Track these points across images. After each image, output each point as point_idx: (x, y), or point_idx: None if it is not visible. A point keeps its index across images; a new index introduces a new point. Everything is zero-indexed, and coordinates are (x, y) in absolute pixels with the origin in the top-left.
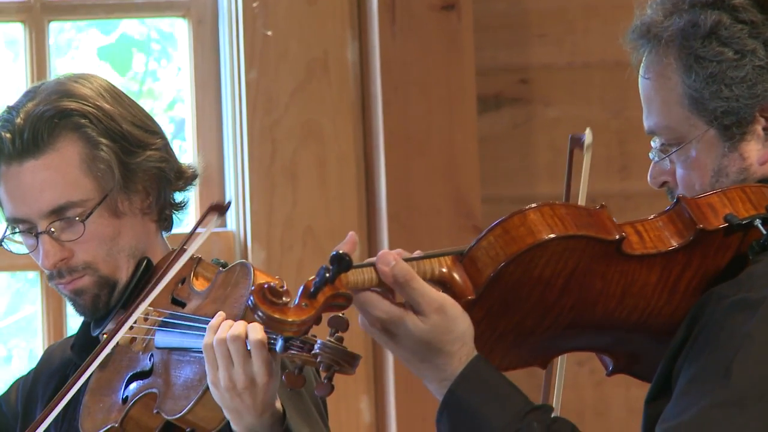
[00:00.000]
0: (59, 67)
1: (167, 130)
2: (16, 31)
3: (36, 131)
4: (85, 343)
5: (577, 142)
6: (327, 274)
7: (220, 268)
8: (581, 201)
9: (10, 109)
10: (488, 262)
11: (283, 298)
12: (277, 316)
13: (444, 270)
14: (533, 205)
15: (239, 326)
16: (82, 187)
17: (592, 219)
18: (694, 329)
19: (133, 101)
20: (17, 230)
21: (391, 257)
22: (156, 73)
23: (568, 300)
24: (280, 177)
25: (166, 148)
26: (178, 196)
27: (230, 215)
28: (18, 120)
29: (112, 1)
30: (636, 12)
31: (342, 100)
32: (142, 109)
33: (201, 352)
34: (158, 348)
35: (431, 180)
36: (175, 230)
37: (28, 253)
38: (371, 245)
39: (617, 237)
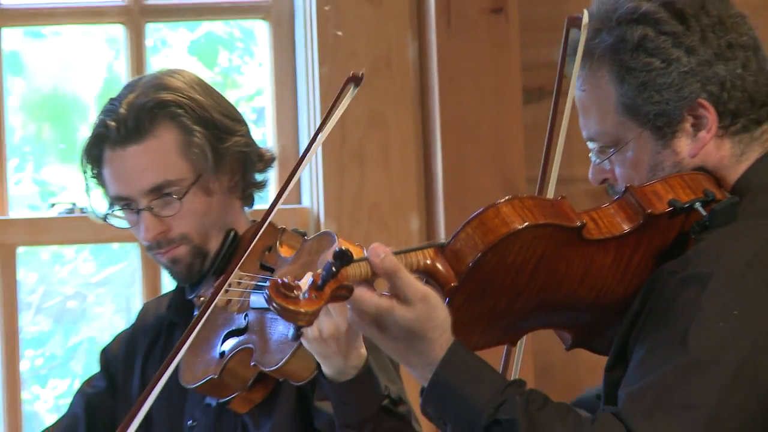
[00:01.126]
0: (154, 63)
1: (249, 118)
2: (117, 32)
3: (138, 120)
4: (181, 305)
5: (574, 22)
6: (333, 269)
7: (305, 237)
8: (572, 86)
9: (113, 101)
10: (468, 251)
11: (295, 292)
12: (291, 307)
13: (428, 261)
14: (503, 199)
15: None
16: (178, 168)
17: (555, 209)
18: (648, 303)
19: (219, 93)
20: (120, 207)
21: (381, 250)
22: (240, 68)
23: (537, 283)
24: (348, 160)
25: (249, 134)
26: (259, 177)
27: (305, 193)
28: (121, 110)
29: (201, 5)
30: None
31: (403, 92)
32: (227, 100)
33: None
34: (253, 308)
35: (482, 163)
36: (256, 207)
37: (128, 228)
38: (429, 222)
39: (578, 224)
